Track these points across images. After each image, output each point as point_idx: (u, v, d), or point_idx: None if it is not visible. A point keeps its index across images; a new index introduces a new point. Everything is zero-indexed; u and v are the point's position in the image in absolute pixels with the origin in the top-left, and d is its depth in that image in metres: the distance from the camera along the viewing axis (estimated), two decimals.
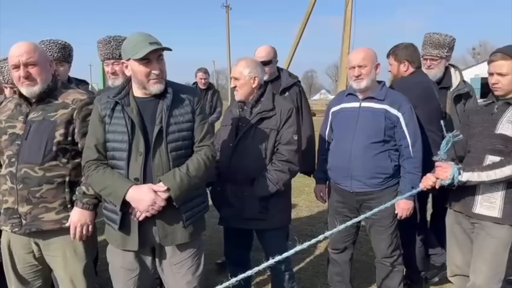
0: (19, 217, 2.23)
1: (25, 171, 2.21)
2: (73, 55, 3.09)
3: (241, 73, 2.69)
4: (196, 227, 2.22)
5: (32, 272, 2.39)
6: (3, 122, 2.33)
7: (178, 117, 2.11)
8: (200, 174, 2.12)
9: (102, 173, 2.09)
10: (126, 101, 2.11)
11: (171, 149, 2.08)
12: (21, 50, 2.19)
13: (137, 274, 2.22)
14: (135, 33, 2.10)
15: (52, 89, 2.31)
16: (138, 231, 2.11)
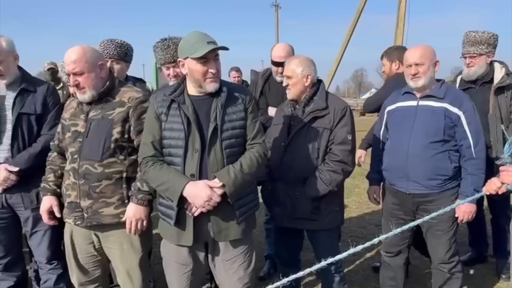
0: (81, 211, 2.34)
1: (86, 167, 2.31)
2: (131, 54, 3.19)
3: (294, 71, 2.67)
4: (248, 223, 2.25)
5: (92, 262, 2.50)
6: (67, 120, 2.45)
7: (232, 115, 2.14)
8: (253, 171, 2.14)
9: (159, 169, 2.14)
10: (181, 99, 2.15)
11: (225, 146, 2.11)
12: (69, 59, 2.30)
13: (190, 269, 2.26)
14: (193, 32, 2.13)
15: (109, 88, 2.39)
16: (193, 227, 2.15)
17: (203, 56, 2.03)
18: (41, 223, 2.70)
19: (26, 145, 2.67)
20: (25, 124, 2.66)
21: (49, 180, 2.49)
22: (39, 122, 2.70)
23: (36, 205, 2.68)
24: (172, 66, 2.83)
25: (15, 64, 2.71)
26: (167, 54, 2.82)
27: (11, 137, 2.64)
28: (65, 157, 2.49)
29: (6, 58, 2.62)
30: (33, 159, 2.65)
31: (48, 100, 2.72)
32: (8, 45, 2.65)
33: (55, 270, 2.85)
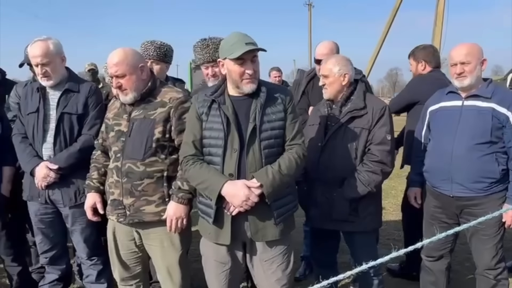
0: (123, 208, 2.40)
1: (129, 166, 2.37)
2: (171, 55, 3.24)
3: (331, 70, 2.64)
4: (287, 224, 2.24)
5: (133, 258, 2.57)
6: (110, 119, 2.52)
7: (271, 115, 2.14)
8: (292, 172, 2.13)
9: (199, 168, 2.17)
10: (222, 100, 2.17)
11: (264, 146, 2.11)
12: (112, 62, 2.37)
13: (228, 268, 2.28)
14: (233, 32, 2.15)
15: (151, 89, 2.44)
16: (230, 226, 2.16)
17: (240, 57, 2.05)
18: (80, 220, 2.80)
19: (68, 143, 2.75)
20: (67, 124, 2.75)
21: (93, 178, 2.57)
22: (80, 121, 2.78)
23: (74, 203, 2.77)
24: (211, 65, 2.85)
25: (62, 65, 2.80)
26: (206, 54, 2.84)
27: (53, 136, 2.74)
28: (108, 156, 2.56)
29: (53, 60, 2.71)
30: (72, 158, 2.72)
31: (89, 101, 2.79)
32: (55, 47, 2.73)
33: (96, 266, 2.93)
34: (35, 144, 2.78)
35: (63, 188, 2.76)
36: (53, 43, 2.73)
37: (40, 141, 2.76)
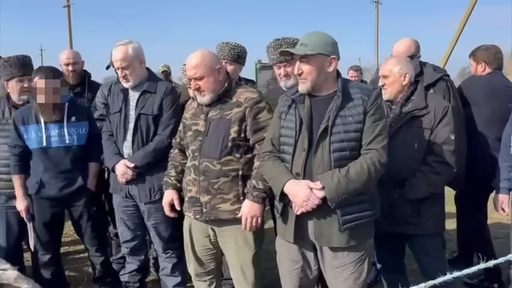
0: (200, 206, 2.48)
1: (206, 164, 2.44)
2: (245, 56, 3.29)
3: (391, 70, 2.58)
4: (358, 233, 2.14)
5: (207, 254, 2.64)
6: (188, 119, 2.61)
7: (347, 117, 2.08)
8: (362, 180, 2.04)
9: (271, 164, 2.22)
10: (301, 99, 2.18)
11: (334, 149, 2.07)
12: (190, 64, 2.45)
13: (300, 266, 2.27)
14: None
15: (227, 90, 2.50)
16: (294, 224, 2.17)
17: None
18: (155, 215, 2.93)
19: (144, 143, 2.88)
20: (144, 124, 2.87)
21: (171, 175, 2.68)
22: (155, 122, 2.89)
23: (149, 200, 2.90)
24: (283, 65, 2.88)
25: (140, 68, 2.92)
26: (279, 53, 2.86)
27: (132, 135, 2.89)
28: (185, 154, 2.65)
29: (131, 63, 2.85)
30: (147, 157, 2.85)
31: (164, 102, 2.89)
32: (134, 51, 2.87)
33: (171, 259, 3.05)
34: (118, 142, 2.96)
35: (140, 185, 2.90)
36: (132, 47, 2.87)
37: (121, 140, 2.93)
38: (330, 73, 2.14)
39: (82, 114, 3.08)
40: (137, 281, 3.21)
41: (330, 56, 2.11)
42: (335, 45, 2.15)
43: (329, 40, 2.14)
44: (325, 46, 2.10)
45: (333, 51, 2.12)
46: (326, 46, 2.10)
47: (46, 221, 3.06)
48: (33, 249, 3.15)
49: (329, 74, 2.14)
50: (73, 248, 4.47)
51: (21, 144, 2.98)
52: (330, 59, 2.11)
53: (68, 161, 2.99)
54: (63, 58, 3.79)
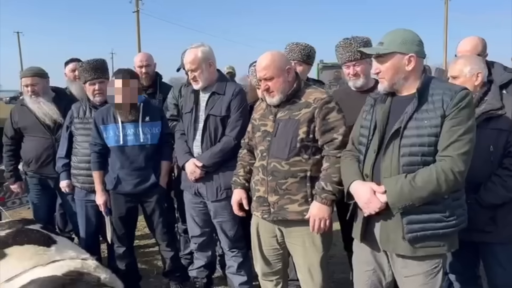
0: (268, 206, 2.49)
1: (274, 165, 2.45)
2: (314, 57, 3.27)
3: (461, 71, 2.43)
4: (426, 244, 2.00)
5: (274, 255, 2.65)
6: (257, 120, 2.64)
7: (423, 120, 1.96)
8: (429, 188, 1.90)
9: (346, 162, 2.22)
10: (382, 99, 2.13)
11: (403, 153, 1.97)
12: (260, 65, 2.48)
13: (372, 269, 2.21)
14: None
15: (296, 90, 2.50)
16: (362, 225, 2.13)
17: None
18: (221, 214, 3.00)
19: (212, 143, 2.96)
20: (212, 124, 2.95)
21: (239, 175, 2.72)
22: (223, 123, 2.95)
23: (215, 198, 2.96)
24: (352, 64, 2.83)
25: (209, 70, 2.98)
26: (348, 53, 2.82)
27: (201, 135, 2.97)
28: (253, 154, 2.69)
29: (200, 66, 2.93)
30: (214, 157, 2.92)
31: (232, 103, 2.94)
32: (204, 54, 2.94)
33: (236, 258, 3.10)
34: (189, 141, 3.06)
35: (207, 183, 2.98)
36: (202, 50, 2.95)
37: (192, 139, 3.03)
38: (411, 72, 2.03)
39: (155, 114, 3.22)
40: (204, 277, 3.31)
41: (407, 54, 2.02)
42: (415, 42, 2.05)
43: (408, 38, 2.04)
44: (402, 44, 2.02)
45: (411, 49, 2.02)
46: (403, 44, 2.02)
47: (122, 215, 3.23)
48: (110, 241, 3.34)
49: (410, 73, 2.04)
50: (143, 242, 4.68)
51: (101, 143, 3.18)
52: (408, 57, 2.02)
53: (142, 159, 3.14)
54: (137, 61, 3.98)
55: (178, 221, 3.72)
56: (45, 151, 3.60)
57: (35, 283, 2.15)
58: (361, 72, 2.84)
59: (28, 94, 3.63)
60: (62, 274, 2.22)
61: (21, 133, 3.71)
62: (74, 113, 3.39)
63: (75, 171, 3.38)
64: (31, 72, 3.65)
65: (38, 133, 3.63)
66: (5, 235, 2.63)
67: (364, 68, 2.82)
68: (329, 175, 2.35)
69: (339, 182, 2.32)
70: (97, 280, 2.25)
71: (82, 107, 3.41)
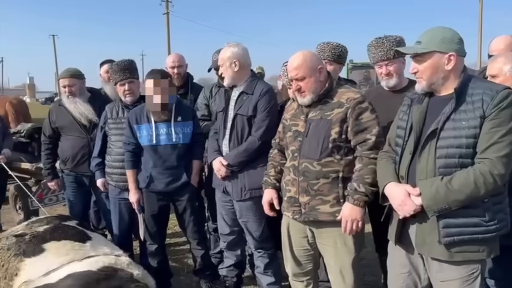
0: (299, 206, 2.48)
1: (305, 165, 2.44)
2: (345, 56, 3.23)
3: (501, 69, 2.33)
4: (464, 249, 1.93)
5: (305, 255, 2.63)
6: (288, 120, 2.63)
7: (461, 121, 1.89)
8: (466, 192, 1.83)
9: (381, 164, 2.20)
10: (420, 99, 2.08)
11: (439, 155, 1.91)
12: (291, 65, 2.48)
13: (407, 272, 2.15)
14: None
15: (328, 90, 2.48)
16: (397, 226, 2.09)
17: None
18: (246, 214, 3.01)
19: (239, 142, 2.97)
20: (240, 124, 2.96)
21: (270, 175, 2.72)
22: (249, 123, 2.96)
23: (240, 198, 2.97)
24: (385, 64, 2.78)
25: (237, 69, 2.96)
26: (380, 52, 2.77)
27: (229, 134, 3.00)
28: (284, 154, 2.68)
29: (225, 64, 2.98)
30: (239, 157, 2.93)
31: (259, 104, 2.94)
32: (231, 53, 2.97)
33: (263, 258, 3.10)
34: (219, 139, 3.09)
35: (233, 182, 3.00)
36: (232, 50, 2.98)
37: (222, 138, 3.06)
38: (450, 72, 1.97)
39: (187, 114, 3.26)
40: (234, 276, 3.33)
41: (447, 53, 1.95)
42: (455, 40, 1.98)
43: (447, 36, 1.98)
44: (441, 43, 1.96)
45: (451, 47, 1.96)
46: (442, 42, 1.96)
47: (154, 213, 3.29)
48: (142, 238, 3.40)
49: (449, 73, 1.97)
50: (174, 241, 4.75)
51: (134, 142, 3.24)
52: (448, 56, 1.95)
53: (174, 158, 3.18)
54: (169, 61, 4.04)
55: (208, 220, 3.75)
56: (81, 150, 3.72)
57: (71, 277, 2.22)
58: (394, 71, 2.79)
59: (66, 95, 3.75)
60: (97, 269, 2.29)
61: (59, 133, 3.84)
62: (107, 113, 3.48)
63: (109, 169, 3.46)
64: (68, 74, 3.77)
65: (75, 132, 3.74)
66: (43, 231, 2.73)
67: (397, 68, 2.77)
68: (361, 176, 2.32)
69: (372, 184, 2.30)
70: (130, 276, 2.31)
71: (115, 107, 3.49)
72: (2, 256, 2.52)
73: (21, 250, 2.50)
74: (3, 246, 2.60)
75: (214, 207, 3.34)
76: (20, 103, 8.86)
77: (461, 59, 2.00)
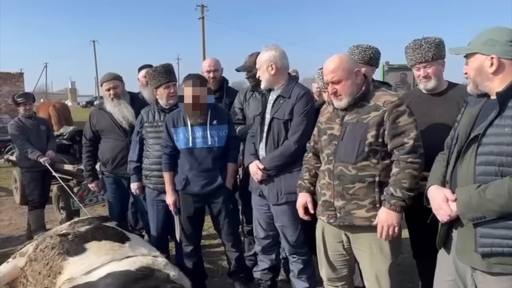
0: (334, 210, 2.46)
1: (341, 169, 2.41)
2: (378, 58, 3.16)
3: None
4: (506, 260, 1.82)
5: (340, 260, 2.60)
6: (323, 123, 2.61)
7: (504, 127, 1.79)
8: (501, 201, 1.74)
9: (434, 165, 2.16)
10: (475, 101, 2.01)
11: (479, 161, 1.83)
12: (328, 69, 2.46)
13: (452, 280, 2.06)
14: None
15: (365, 93, 2.44)
16: (441, 230, 2.03)
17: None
18: (281, 218, 3.00)
19: (275, 146, 2.97)
20: (276, 127, 2.96)
21: (305, 178, 2.71)
22: (286, 126, 2.95)
23: (276, 202, 2.97)
24: (423, 66, 2.71)
25: (273, 72, 2.97)
26: (418, 54, 2.70)
27: (265, 137, 3.00)
28: (319, 158, 2.66)
29: (262, 67, 3.00)
30: (274, 161, 2.93)
31: (295, 107, 2.93)
32: (268, 56, 2.97)
33: (297, 264, 3.10)
34: (256, 143, 3.10)
35: (270, 186, 3.00)
36: (269, 53, 2.98)
37: (258, 141, 3.07)
38: (495, 74, 1.87)
39: (222, 117, 3.31)
40: (268, 280, 3.33)
41: (489, 55, 1.87)
42: (501, 42, 1.86)
43: (494, 37, 1.87)
44: (484, 44, 1.88)
45: (494, 50, 1.86)
46: (485, 44, 1.88)
47: (190, 215, 3.34)
48: (178, 240, 3.47)
49: (494, 75, 1.88)
50: (208, 242, 4.81)
51: (172, 145, 3.31)
52: (490, 58, 1.86)
53: (210, 161, 3.23)
54: (205, 66, 4.11)
55: (243, 222, 3.77)
56: (120, 153, 3.84)
57: (111, 276, 2.29)
58: (432, 74, 2.71)
59: (110, 98, 3.88)
60: (135, 269, 2.35)
61: (99, 135, 3.99)
62: (144, 118, 3.56)
63: (148, 172, 3.54)
64: (111, 76, 3.92)
65: (114, 135, 3.88)
66: (85, 231, 2.83)
67: (436, 70, 2.69)
68: (398, 181, 2.27)
69: (409, 188, 2.25)
70: (166, 276, 2.36)
71: (150, 111, 3.57)
72: (47, 254, 2.63)
73: (65, 249, 2.59)
74: (47, 245, 2.71)
75: (248, 210, 3.37)
76: (63, 107, 9.26)
77: (510, 62, 1.87)
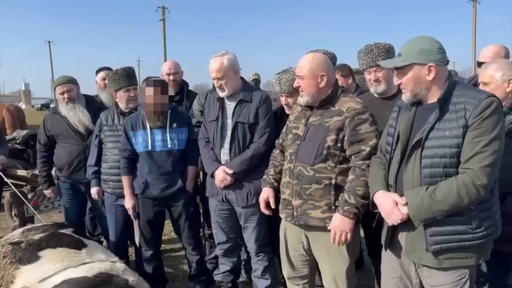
0: (292, 209, 2.51)
1: (300, 169, 2.47)
2: (334, 63, 3.22)
3: (492, 76, 2.38)
4: (452, 256, 1.95)
5: (300, 260, 2.65)
6: (291, 122, 2.65)
7: (444, 131, 1.90)
8: (450, 202, 1.85)
9: (373, 170, 2.23)
10: (407, 108, 2.11)
11: (424, 164, 1.93)
12: (299, 63, 2.53)
13: (398, 276, 2.18)
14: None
15: (331, 97, 2.49)
16: (387, 232, 2.13)
17: None
18: (251, 219, 3.03)
19: (241, 150, 2.99)
20: (241, 132, 2.99)
21: (270, 174, 2.75)
22: (251, 130, 2.99)
23: (246, 204, 3.00)
24: (374, 70, 2.82)
25: (235, 78, 3.02)
26: (369, 59, 2.81)
27: (229, 142, 3.01)
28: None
29: (226, 74, 2.97)
30: (244, 164, 2.96)
31: (259, 111, 2.98)
32: (229, 62, 2.98)
33: (262, 261, 3.13)
34: (215, 148, 3.09)
35: (237, 190, 3.01)
36: (228, 58, 2.99)
37: (219, 147, 3.06)
38: (433, 82, 1.98)
39: (182, 120, 3.29)
40: (229, 282, 3.34)
41: (426, 64, 1.96)
42: (433, 50, 1.97)
43: (426, 46, 1.97)
44: (419, 55, 1.97)
45: (430, 58, 1.96)
46: (421, 54, 1.97)
47: (150, 219, 3.30)
48: (138, 244, 3.42)
49: (431, 83, 1.99)
50: (169, 247, 4.75)
51: (130, 148, 3.26)
52: (428, 67, 1.96)
53: (169, 164, 3.20)
54: (165, 68, 4.07)
55: (204, 226, 3.77)
56: (76, 157, 3.74)
57: (67, 283, 2.23)
58: (382, 78, 2.82)
59: (64, 101, 3.76)
60: (93, 276, 2.29)
61: (54, 140, 3.86)
62: (102, 121, 3.49)
63: (106, 176, 3.47)
64: (65, 79, 3.80)
65: (70, 139, 3.76)
66: (38, 239, 2.73)
67: (386, 74, 2.79)
68: (353, 188, 2.32)
69: (363, 196, 2.30)
70: (125, 282, 2.31)
71: (110, 114, 3.50)
72: None
73: (17, 257, 2.49)
74: None
75: (209, 214, 3.36)
76: (17, 110, 8.87)
77: (443, 68, 2.00)
